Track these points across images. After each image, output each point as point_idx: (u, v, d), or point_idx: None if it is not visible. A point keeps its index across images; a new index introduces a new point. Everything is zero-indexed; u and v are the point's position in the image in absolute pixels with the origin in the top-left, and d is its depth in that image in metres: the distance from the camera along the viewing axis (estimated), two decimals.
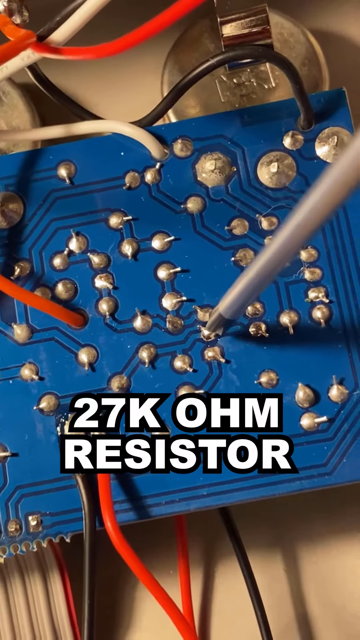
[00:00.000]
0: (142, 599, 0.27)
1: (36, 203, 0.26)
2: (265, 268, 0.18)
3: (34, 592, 0.25)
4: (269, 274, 0.18)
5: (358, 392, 0.24)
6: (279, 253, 0.17)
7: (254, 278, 0.19)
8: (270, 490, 0.23)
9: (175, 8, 0.19)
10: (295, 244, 0.17)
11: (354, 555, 0.27)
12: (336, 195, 0.15)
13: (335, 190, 0.15)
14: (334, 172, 0.15)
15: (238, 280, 0.20)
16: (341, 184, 0.15)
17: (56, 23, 0.22)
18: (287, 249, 0.17)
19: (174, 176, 0.25)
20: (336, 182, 0.15)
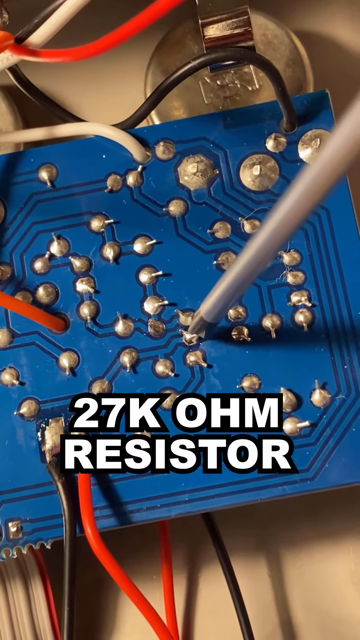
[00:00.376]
0: (124, 604, 0.27)
1: (17, 206, 0.25)
2: (244, 270, 0.18)
3: (15, 599, 0.25)
4: (249, 276, 0.18)
5: (340, 397, 0.24)
6: (258, 255, 0.17)
7: (234, 280, 0.19)
8: (252, 495, 0.23)
9: (153, 8, 0.19)
10: (274, 246, 0.17)
11: (338, 559, 0.27)
12: (314, 195, 0.15)
13: (313, 190, 0.15)
14: (311, 172, 0.14)
15: (218, 283, 0.20)
16: (319, 183, 0.15)
17: (34, 25, 0.22)
18: (266, 251, 0.17)
19: (156, 179, 0.25)
20: (314, 181, 0.14)
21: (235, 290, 0.19)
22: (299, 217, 0.16)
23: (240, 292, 0.20)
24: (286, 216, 0.16)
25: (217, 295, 0.20)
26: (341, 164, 0.14)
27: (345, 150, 0.14)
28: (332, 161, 0.14)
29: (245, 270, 0.18)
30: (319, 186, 0.15)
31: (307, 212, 0.15)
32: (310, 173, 0.14)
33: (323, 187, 0.15)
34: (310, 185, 0.15)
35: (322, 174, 0.14)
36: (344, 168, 0.14)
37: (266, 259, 0.17)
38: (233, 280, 0.19)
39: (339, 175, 0.14)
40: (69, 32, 0.22)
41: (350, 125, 0.14)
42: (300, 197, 0.15)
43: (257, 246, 0.17)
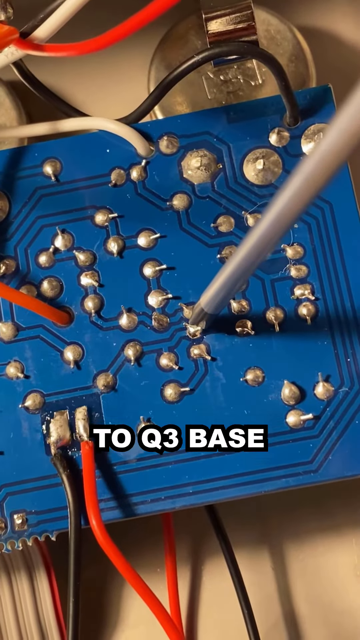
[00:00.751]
0: (129, 596, 0.27)
1: (21, 200, 0.25)
2: (244, 261, 0.18)
3: (20, 591, 0.25)
4: (248, 267, 0.18)
5: (344, 389, 0.24)
6: (258, 245, 0.17)
7: (233, 271, 0.19)
8: (256, 488, 0.23)
9: (158, 3, 0.19)
10: (274, 237, 0.17)
11: (342, 552, 0.27)
12: (313, 186, 0.15)
13: (312, 180, 0.15)
14: (310, 162, 0.15)
15: (219, 274, 0.20)
16: (318, 174, 0.15)
17: (39, 20, 0.22)
18: (266, 242, 0.17)
19: (159, 173, 0.25)
20: (313, 172, 0.15)
21: (235, 281, 0.19)
22: (298, 208, 0.16)
23: (240, 283, 0.20)
24: (285, 207, 0.16)
25: (217, 286, 0.20)
26: (339, 154, 0.14)
27: (344, 140, 0.14)
28: (331, 151, 0.14)
29: (245, 261, 0.18)
30: (317, 177, 0.15)
31: (305, 202, 0.15)
32: (309, 163, 0.15)
33: (322, 178, 0.15)
34: (309, 175, 0.15)
35: (320, 164, 0.14)
36: (342, 158, 0.14)
37: (266, 250, 0.17)
38: (233, 271, 0.19)
39: (338, 165, 0.14)
40: (73, 27, 0.22)
41: (348, 114, 0.14)
42: (299, 188, 0.15)
43: (256, 237, 0.17)
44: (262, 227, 0.16)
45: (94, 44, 0.20)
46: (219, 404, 0.24)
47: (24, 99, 0.29)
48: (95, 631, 0.27)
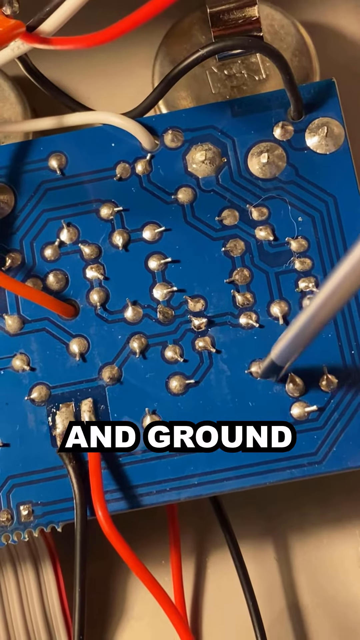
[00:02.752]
0: (134, 588, 0.27)
1: (27, 194, 0.26)
2: (316, 316, 0.18)
3: (25, 582, 0.25)
4: (321, 322, 0.18)
5: (348, 381, 0.24)
6: (331, 299, 0.17)
7: (305, 325, 0.18)
8: (260, 479, 0.23)
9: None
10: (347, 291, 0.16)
11: (346, 544, 0.27)
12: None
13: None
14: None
15: (290, 328, 0.19)
16: None
17: (46, 13, 0.22)
18: (338, 296, 0.17)
19: (164, 167, 0.26)
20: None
21: (306, 337, 0.19)
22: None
23: (311, 338, 0.20)
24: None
25: (288, 339, 0.20)
26: None
27: None
28: None
29: (316, 316, 0.18)
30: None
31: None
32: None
33: None
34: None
35: None
36: None
37: (339, 304, 0.17)
38: (304, 325, 0.18)
39: None
40: (77, 24, 0.23)
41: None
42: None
43: (331, 287, 0.17)
44: (338, 278, 0.16)
45: (100, 37, 0.20)
46: (224, 396, 0.24)
47: (29, 93, 0.29)
48: (100, 622, 0.27)
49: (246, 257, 0.25)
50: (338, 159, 0.25)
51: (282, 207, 0.25)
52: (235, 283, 0.25)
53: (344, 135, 0.25)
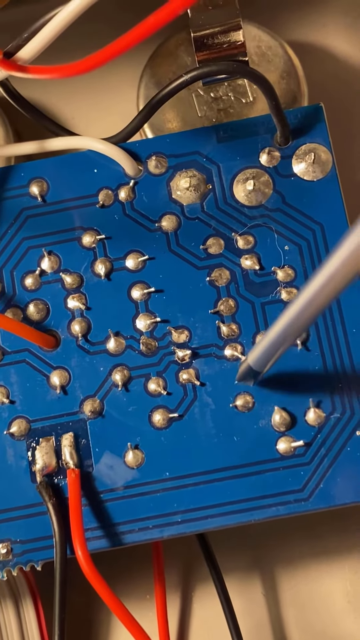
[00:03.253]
0: (116, 625, 0.26)
1: (7, 221, 0.25)
2: (295, 320, 0.17)
3: (6, 620, 0.25)
4: (300, 326, 0.18)
5: (335, 415, 0.23)
6: (312, 300, 0.16)
7: (284, 329, 0.18)
8: (245, 516, 0.23)
9: (144, 25, 0.19)
10: (330, 292, 0.16)
11: (334, 578, 0.27)
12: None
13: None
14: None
15: (268, 331, 0.19)
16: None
17: (24, 40, 0.22)
18: (318, 300, 0.16)
19: (148, 194, 0.25)
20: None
21: (284, 340, 0.19)
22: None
23: (290, 341, 0.19)
24: (343, 263, 0.15)
25: (266, 343, 0.19)
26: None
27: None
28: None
29: (298, 318, 0.17)
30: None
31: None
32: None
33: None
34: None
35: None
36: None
37: (320, 307, 0.17)
38: (283, 329, 0.18)
39: None
40: (61, 41, 0.22)
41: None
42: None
43: (311, 292, 0.16)
44: (320, 279, 0.16)
45: (78, 67, 0.19)
46: (208, 430, 0.23)
47: (11, 116, 0.28)
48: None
49: (231, 287, 0.24)
50: (325, 186, 0.25)
51: (269, 236, 0.24)
52: (220, 313, 0.24)
53: (332, 162, 0.25)
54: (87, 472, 0.23)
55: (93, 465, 0.23)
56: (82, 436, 0.24)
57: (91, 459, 0.23)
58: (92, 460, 0.23)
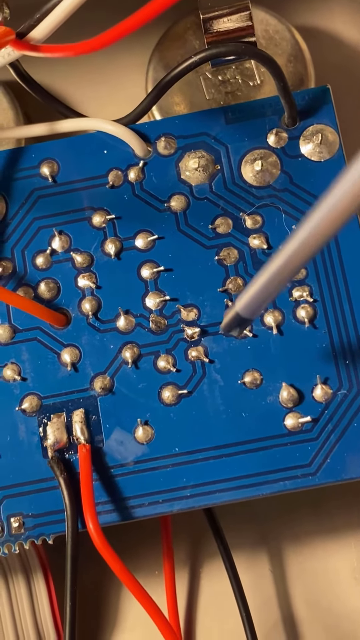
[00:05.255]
0: (127, 599, 0.27)
1: (18, 202, 0.25)
2: (286, 264, 0.17)
3: (17, 594, 0.25)
4: (291, 270, 0.17)
5: (342, 392, 0.23)
6: (302, 246, 0.16)
7: (275, 273, 0.18)
8: (253, 491, 0.23)
9: (155, 3, 0.19)
10: (318, 240, 0.16)
11: (340, 555, 0.27)
12: None
13: None
14: None
15: (257, 277, 0.19)
16: None
17: (36, 20, 0.22)
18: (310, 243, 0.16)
19: (157, 174, 0.25)
20: None
21: (276, 285, 0.18)
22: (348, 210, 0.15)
23: (280, 287, 0.19)
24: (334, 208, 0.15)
25: (255, 289, 0.19)
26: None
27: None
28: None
29: (288, 262, 0.17)
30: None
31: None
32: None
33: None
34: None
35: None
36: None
37: (310, 253, 0.17)
38: (274, 273, 0.18)
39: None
40: (71, 26, 0.22)
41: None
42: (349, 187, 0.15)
43: (302, 237, 0.16)
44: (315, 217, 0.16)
45: (90, 45, 0.20)
46: (217, 406, 0.24)
47: (22, 99, 0.29)
48: (92, 634, 0.27)
49: (240, 266, 0.24)
50: (332, 167, 0.25)
51: (276, 215, 0.25)
52: (229, 292, 0.24)
53: (339, 143, 0.25)
54: (97, 448, 0.24)
55: (103, 440, 0.24)
56: (93, 412, 0.24)
57: (102, 435, 0.24)
58: (102, 436, 0.24)
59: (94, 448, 0.24)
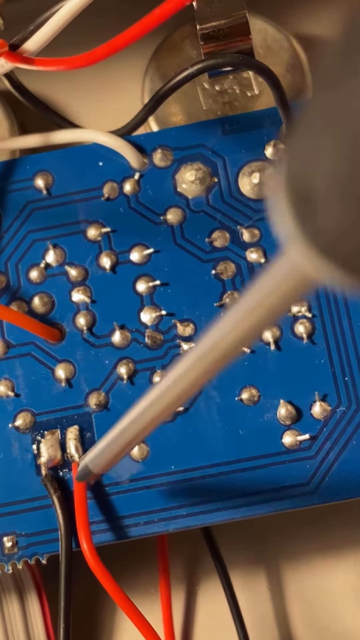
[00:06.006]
0: (121, 619, 0.26)
1: (12, 214, 0.25)
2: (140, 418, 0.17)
3: (10, 614, 0.25)
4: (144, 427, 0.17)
5: (341, 409, 0.23)
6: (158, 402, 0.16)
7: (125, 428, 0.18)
8: (251, 510, 0.23)
9: (149, 18, 0.19)
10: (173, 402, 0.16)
11: (340, 572, 0.26)
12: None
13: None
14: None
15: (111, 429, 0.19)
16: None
17: (30, 32, 0.22)
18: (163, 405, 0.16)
19: (153, 187, 0.25)
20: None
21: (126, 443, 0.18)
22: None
23: (133, 444, 0.19)
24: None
25: (106, 441, 0.19)
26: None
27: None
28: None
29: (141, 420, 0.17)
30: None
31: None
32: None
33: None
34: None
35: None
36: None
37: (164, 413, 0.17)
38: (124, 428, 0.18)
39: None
40: (69, 32, 0.22)
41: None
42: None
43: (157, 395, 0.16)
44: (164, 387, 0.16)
45: (84, 59, 0.19)
46: (214, 423, 0.23)
47: (16, 109, 0.28)
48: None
49: (237, 280, 0.24)
50: None
51: (274, 229, 0.24)
52: (226, 307, 0.24)
53: None
54: None
55: None
56: (88, 429, 0.24)
57: None
58: None
59: None
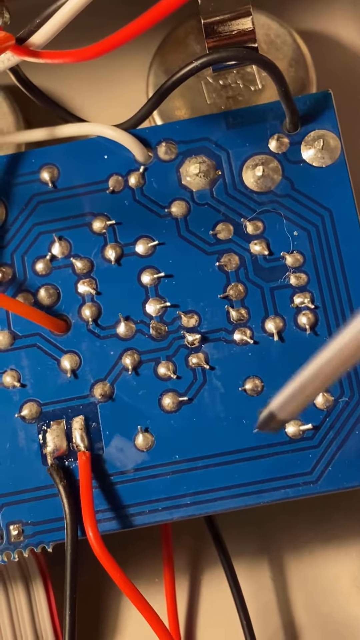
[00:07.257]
0: (126, 607, 0.27)
1: (18, 207, 0.25)
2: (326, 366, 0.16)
3: (16, 602, 0.25)
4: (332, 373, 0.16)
5: (344, 399, 0.23)
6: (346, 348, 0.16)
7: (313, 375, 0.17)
8: (254, 499, 0.23)
9: (155, 10, 0.19)
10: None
11: (342, 562, 0.27)
12: None
13: None
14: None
15: (298, 373, 0.18)
16: None
17: (36, 25, 0.22)
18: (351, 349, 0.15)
19: (158, 180, 0.25)
20: None
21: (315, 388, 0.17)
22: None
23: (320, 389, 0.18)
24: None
25: (292, 389, 0.18)
26: None
27: None
28: None
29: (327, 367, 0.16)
30: None
31: None
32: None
33: None
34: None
35: None
36: None
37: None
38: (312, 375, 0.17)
39: None
40: (71, 31, 0.22)
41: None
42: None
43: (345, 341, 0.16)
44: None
45: (90, 52, 0.20)
46: (218, 413, 0.24)
47: (22, 103, 0.28)
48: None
49: (240, 272, 0.24)
50: (334, 172, 0.25)
51: (277, 221, 0.25)
52: (230, 298, 0.24)
53: (340, 148, 0.25)
54: (97, 455, 0.24)
55: (103, 448, 0.24)
56: (93, 419, 0.24)
57: (101, 442, 0.24)
58: (102, 443, 0.24)
59: (93, 455, 0.24)
